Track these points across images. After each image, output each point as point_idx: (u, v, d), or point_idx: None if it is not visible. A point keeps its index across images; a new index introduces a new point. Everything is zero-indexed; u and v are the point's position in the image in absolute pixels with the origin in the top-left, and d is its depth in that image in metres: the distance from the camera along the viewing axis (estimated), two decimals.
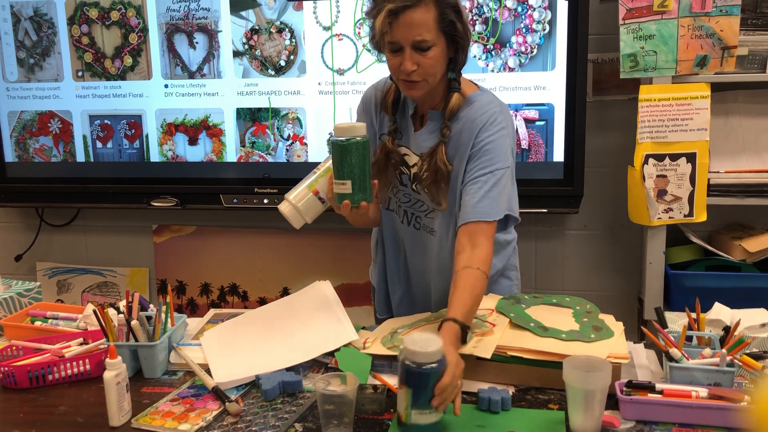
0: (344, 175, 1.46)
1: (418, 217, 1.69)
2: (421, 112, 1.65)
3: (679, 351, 1.33)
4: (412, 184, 1.67)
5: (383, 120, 1.69)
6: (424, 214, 1.68)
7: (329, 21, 2.57)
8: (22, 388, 1.45)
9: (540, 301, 1.61)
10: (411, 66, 1.48)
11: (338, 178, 1.47)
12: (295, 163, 2.69)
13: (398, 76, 1.53)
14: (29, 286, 1.86)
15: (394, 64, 1.51)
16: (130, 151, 2.81)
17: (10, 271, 3.07)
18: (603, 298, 2.65)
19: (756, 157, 2.37)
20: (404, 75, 1.50)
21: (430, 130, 1.63)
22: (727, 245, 2.41)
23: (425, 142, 1.62)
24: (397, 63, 1.50)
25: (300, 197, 1.56)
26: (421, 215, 1.69)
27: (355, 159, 1.45)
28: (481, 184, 1.54)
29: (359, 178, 1.46)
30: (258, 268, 2.95)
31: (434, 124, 1.62)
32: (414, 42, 1.46)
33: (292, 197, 1.56)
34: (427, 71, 1.50)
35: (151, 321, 1.52)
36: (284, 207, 1.56)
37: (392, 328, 1.60)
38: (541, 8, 2.42)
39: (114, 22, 2.71)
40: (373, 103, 1.71)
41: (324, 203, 1.56)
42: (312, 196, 1.56)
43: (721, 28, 2.20)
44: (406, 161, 1.66)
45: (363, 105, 1.74)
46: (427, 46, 1.47)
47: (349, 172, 1.45)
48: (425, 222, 1.69)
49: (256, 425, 1.28)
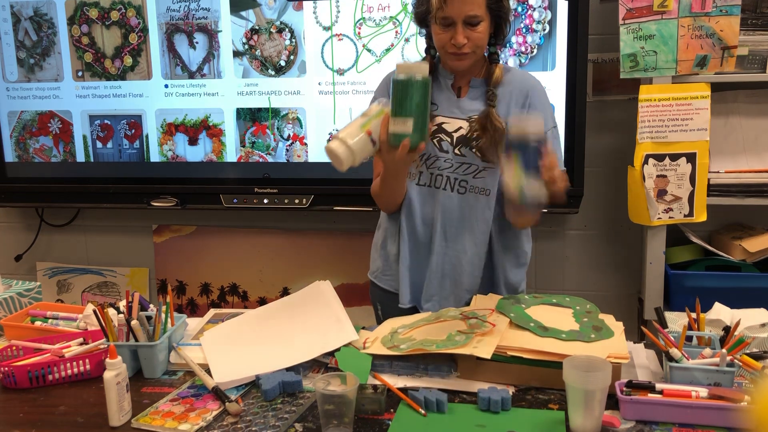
0: (406, 113, 1.45)
1: (463, 180, 1.73)
2: (458, 84, 1.74)
3: (679, 351, 1.33)
4: (455, 148, 1.72)
5: None
6: (472, 175, 1.73)
7: (329, 21, 2.57)
8: (22, 388, 1.45)
9: (540, 301, 1.61)
10: (463, 40, 1.60)
11: (399, 115, 1.46)
12: (295, 163, 2.69)
13: (447, 49, 1.64)
14: (29, 286, 1.86)
15: (444, 38, 1.62)
16: (130, 151, 2.81)
17: (10, 271, 3.07)
18: (603, 298, 2.65)
19: (756, 157, 2.37)
20: (455, 48, 1.62)
21: (473, 97, 1.73)
22: (727, 245, 2.41)
23: (470, 106, 1.72)
24: (447, 37, 1.62)
25: (352, 135, 1.48)
26: (468, 177, 1.73)
27: (418, 97, 1.44)
28: (549, 136, 1.65)
29: (420, 118, 1.46)
30: (258, 268, 2.95)
31: (477, 91, 1.73)
32: (467, 17, 1.58)
33: (343, 135, 1.48)
34: (476, 44, 1.63)
35: (151, 321, 1.52)
36: (335, 145, 1.47)
37: (392, 328, 1.60)
38: (541, 8, 2.42)
39: (114, 22, 2.71)
40: None
41: (375, 146, 1.52)
42: (365, 136, 1.49)
43: (721, 28, 2.20)
44: (444, 129, 1.72)
45: (385, 83, 1.80)
46: (478, 21, 1.60)
47: (410, 110, 1.45)
48: (474, 183, 1.73)
49: (256, 425, 1.28)
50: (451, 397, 1.34)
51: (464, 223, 1.76)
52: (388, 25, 2.54)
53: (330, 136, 1.54)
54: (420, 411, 1.30)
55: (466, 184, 1.74)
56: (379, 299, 1.91)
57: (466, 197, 1.74)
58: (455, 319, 1.53)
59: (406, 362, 1.46)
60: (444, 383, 1.40)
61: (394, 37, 2.54)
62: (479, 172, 1.72)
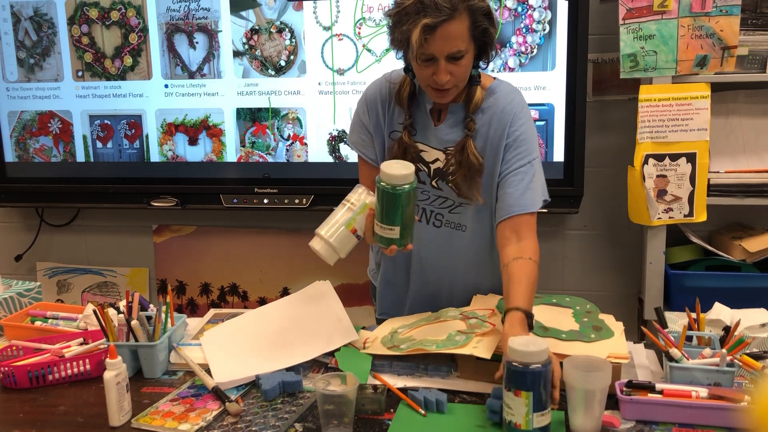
0: (393, 221, 1.39)
1: (439, 214, 1.66)
2: (438, 107, 1.62)
3: (679, 351, 1.33)
4: (432, 180, 1.64)
5: (394, 114, 1.64)
6: (448, 210, 1.65)
7: (329, 21, 2.57)
8: (22, 388, 1.45)
9: (540, 301, 1.60)
10: (446, 77, 1.47)
11: (386, 224, 1.40)
12: (295, 163, 2.69)
13: (428, 84, 1.51)
14: (29, 286, 1.86)
15: (426, 74, 1.49)
16: (130, 151, 2.81)
17: (10, 271, 3.07)
18: (603, 298, 2.65)
19: (756, 157, 2.37)
20: (437, 85, 1.49)
21: (451, 124, 1.61)
22: (727, 245, 2.41)
23: (447, 135, 1.61)
24: (429, 73, 1.48)
25: (333, 232, 1.48)
26: (444, 212, 1.66)
27: (404, 206, 1.38)
28: (521, 176, 1.56)
29: (408, 224, 1.41)
30: (258, 268, 2.95)
31: (456, 117, 1.60)
32: (449, 54, 1.44)
33: (326, 234, 1.48)
34: (458, 78, 1.50)
35: (151, 321, 1.52)
36: (316, 244, 1.49)
37: (392, 328, 1.60)
38: (541, 8, 2.42)
39: (114, 22, 2.71)
40: (380, 99, 1.65)
41: (360, 239, 1.50)
42: (348, 233, 1.49)
43: (721, 28, 2.20)
44: (423, 158, 1.62)
45: (366, 103, 1.67)
46: (461, 55, 1.46)
47: (398, 220, 1.39)
48: (450, 218, 1.66)
49: (256, 425, 1.28)
50: (451, 397, 1.34)
51: (441, 256, 1.70)
52: None
53: (314, 233, 1.52)
54: (420, 411, 1.30)
55: (442, 218, 1.66)
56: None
57: (442, 230, 1.67)
58: (455, 319, 1.53)
59: (406, 362, 1.46)
60: (444, 383, 1.40)
61: None
62: (455, 207, 1.65)
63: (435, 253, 1.70)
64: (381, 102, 1.65)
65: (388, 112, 1.65)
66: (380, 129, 1.66)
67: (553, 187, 2.47)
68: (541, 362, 1.17)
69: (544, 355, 1.18)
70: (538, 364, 1.17)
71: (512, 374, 1.18)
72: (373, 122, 1.66)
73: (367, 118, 1.67)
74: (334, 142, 2.65)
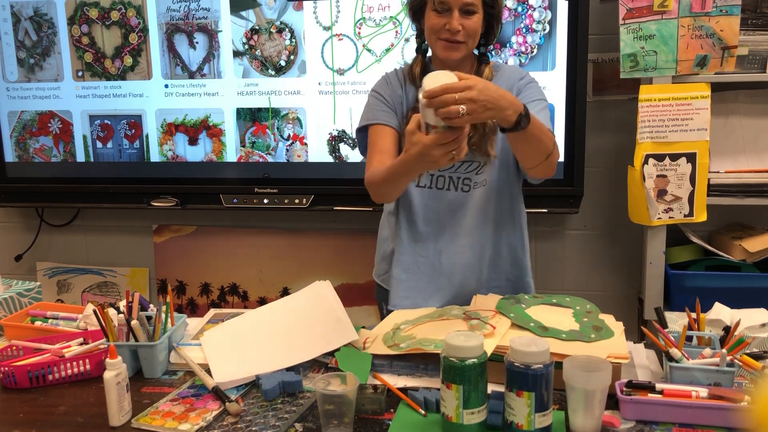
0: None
1: (467, 178, 1.74)
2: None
3: (679, 351, 1.33)
4: None
5: (410, 94, 1.75)
6: (475, 171, 1.73)
7: (329, 21, 2.57)
8: (22, 388, 1.45)
9: (540, 301, 1.60)
10: (458, 25, 1.60)
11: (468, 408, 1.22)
12: (295, 163, 2.69)
13: (440, 35, 1.62)
14: (29, 286, 1.86)
15: (438, 24, 1.61)
16: (130, 151, 2.81)
17: (10, 271, 3.08)
18: (603, 298, 2.65)
19: (756, 157, 2.37)
20: (448, 34, 1.61)
21: None
22: (727, 245, 2.41)
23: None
24: (441, 22, 1.61)
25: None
26: (471, 175, 1.74)
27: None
28: (533, 106, 1.63)
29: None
30: (258, 268, 2.95)
31: None
32: (463, 4, 1.59)
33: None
34: (470, 34, 1.62)
35: (151, 321, 1.52)
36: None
37: (395, 323, 1.60)
38: (541, 8, 2.42)
39: (114, 22, 2.71)
40: (397, 80, 1.77)
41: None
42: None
43: (721, 28, 2.20)
44: None
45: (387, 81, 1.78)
46: (473, 11, 1.61)
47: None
48: (477, 179, 1.74)
49: (256, 425, 1.28)
50: None
51: (474, 220, 1.76)
52: (388, 25, 2.54)
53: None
54: (420, 411, 1.30)
55: (470, 182, 1.74)
56: (385, 299, 1.90)
57: (471, 194, 1.75)
58: (458, 318, 1.53)
59: (406, 362, 1.46)
60: None
61: (394, 37, 2.54)
62: (480, 168, 1.73)
63: (467, 220, 1.76)
64: (399, 82, 1.77)
65: (405, 91, 1.76)
66: (400, 106, 1.76)
67: (553, 187, 2.51)
68: (542, 363, 1.17)
69: (546, 355, 1.18)
70: (539, 364, 1.17)
71: (514, 375, 1.18)
72: (395, 99, 1.76)
73: (390, 94, 1.76)
74: (334, 142, 2.65)
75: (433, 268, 1.79)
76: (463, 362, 1.18)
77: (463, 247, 1.78)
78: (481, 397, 1.21)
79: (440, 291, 1.80)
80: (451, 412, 1.20)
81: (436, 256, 1.79)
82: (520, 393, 1.17)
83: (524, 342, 1.19)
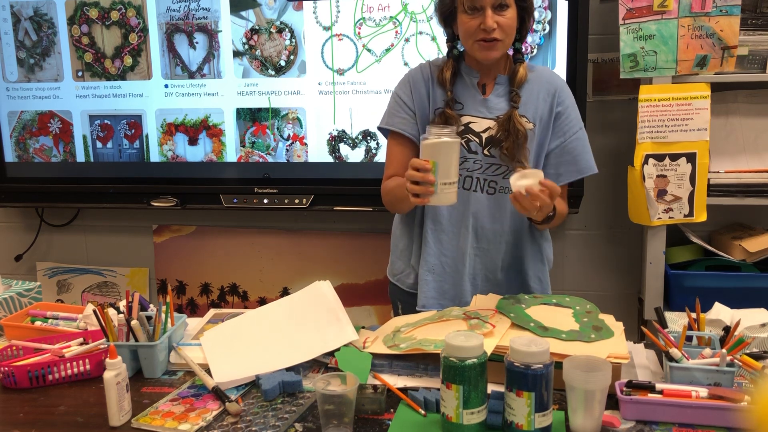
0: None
1: (493, 181, 1.73)
2: (483, 82, 1.73)
3: (679, 351, 1.33)
4: (484, 149, 1.71)
5: (437, 94, 1.74)
6: (502, 176, 1.73)
7: (329, 21, 2.57)
8: (22, 388, 1.45)
9: (540, 301, 1.61)
10: (492, 23, 1.58)
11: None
12: (295, 163, 2.69)
13: (476, 37, 1.61)
14: (29, 286, 1.86)
15: (472, 26, 1.60)
16: (130, 151, 2.81)
17: (10, 271, 3.08)
18: (603, 298, 2.65)
19: (756, 157, 2.37)
20: (484, 34, 1.59)
21: (498, 94, 1.72)
22: (727, 245, 2.41)
23: (496, 105, 1.71)
24: (475, 24, 1.59)
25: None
26: (498, 178, 1.73)
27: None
28: (573, 141, 1.72)
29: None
30: (258, 268, 2.95)
31: (502, 89, 1.72)
32: (494, 1, 1.57)
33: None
34: (505, 31, 1.60)
35: (151, 321, 1.52)
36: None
37: (396, 326, 1.60)
38: (541, 8, 2.42)
39: (114, 22, 2.71)
40: (422, 79, 1.76)
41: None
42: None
43: (721, 28, 2.20)
44: (472, 129, 1.71)
45: (410, 82, 1.77)
46: (506, 4, 1.59)
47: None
48: (503, 184, 1.73)
49: (256, 425, 1.28)
50: None
51: (495, 224, 1.76)
52: (388, 25, 2.54)
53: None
54: (420, 411, 1.30)
55: (496, 185, 1.74)
56: (400, 298, 1.90)
57: (496, 197, 1.75)
58: (458, 319, 1.53)
59: (406, 362, 1.46)
60: None
61: (394, 37, 2.54)
62: (508, 173, 1.71)
63: (490, 224, 1.77)
64: (424, 81, 1.75)
65: (432, 91, 1.74)
66: (424, 107, 1.75)
67: None
68: (542, 363, 1.17)
69: (546, 355, 1.18)
70: (539, 364, 1.17)
71: (514, 375, 1.18)
72: (417, 100, 1.75)
73: (410, 96, 1.76)
74: (334, 142, 2.65)
75: (456, 269, 1.80)
76: (463, 362, 1.18)
77: (488, 252, 1.78)
78: (481, 397, 1.21)
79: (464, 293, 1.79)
80: (450, 412, 1.20)
81: (465, 259, 1.79)
82: (520, 393, 1.17)
83: (524, 342, 1.19)
